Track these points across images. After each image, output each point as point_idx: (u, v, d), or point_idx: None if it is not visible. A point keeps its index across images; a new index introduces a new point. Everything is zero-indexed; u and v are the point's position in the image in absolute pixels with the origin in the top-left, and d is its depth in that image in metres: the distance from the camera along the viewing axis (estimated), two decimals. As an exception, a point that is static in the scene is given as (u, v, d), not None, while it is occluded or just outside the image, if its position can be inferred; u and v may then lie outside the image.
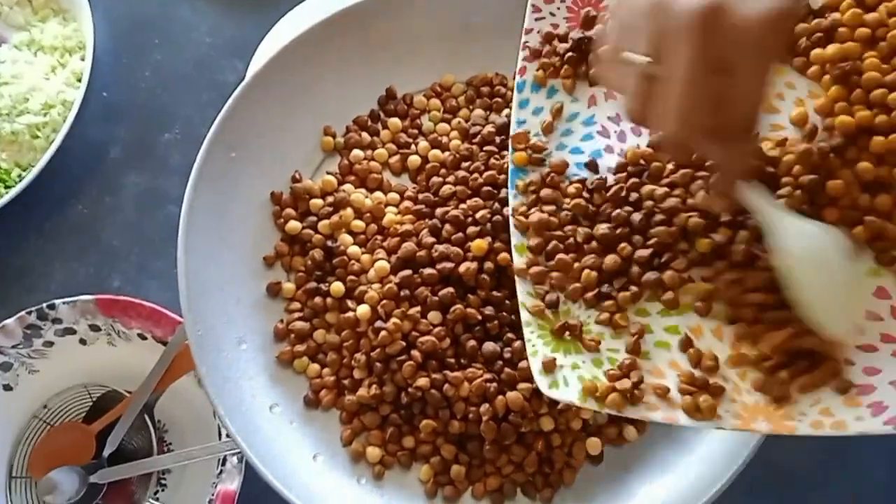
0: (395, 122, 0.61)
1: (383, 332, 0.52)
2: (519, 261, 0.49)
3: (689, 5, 0.34)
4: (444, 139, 0.60)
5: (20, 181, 0.72)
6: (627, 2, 0.38)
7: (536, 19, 0.54)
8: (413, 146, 0.60)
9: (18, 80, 0.77)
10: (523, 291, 0.48)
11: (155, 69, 0.83)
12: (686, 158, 0.47)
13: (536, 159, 0.51)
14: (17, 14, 0.82)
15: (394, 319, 0.52)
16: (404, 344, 0.52)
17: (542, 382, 0.44)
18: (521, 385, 0.51)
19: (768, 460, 0.48)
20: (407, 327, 0.52)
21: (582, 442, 0.53)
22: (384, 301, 0.53)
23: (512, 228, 0.50)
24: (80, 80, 0.76)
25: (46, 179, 0.73)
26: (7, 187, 0.73)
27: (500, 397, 0.51)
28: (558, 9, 0.54)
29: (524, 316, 0.47)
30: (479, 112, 0.61)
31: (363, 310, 0.53)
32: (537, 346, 0.46)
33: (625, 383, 0.43)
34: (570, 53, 0.52)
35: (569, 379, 0.45)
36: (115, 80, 0.82)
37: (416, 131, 0.61)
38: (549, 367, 0.45)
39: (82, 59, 0.78)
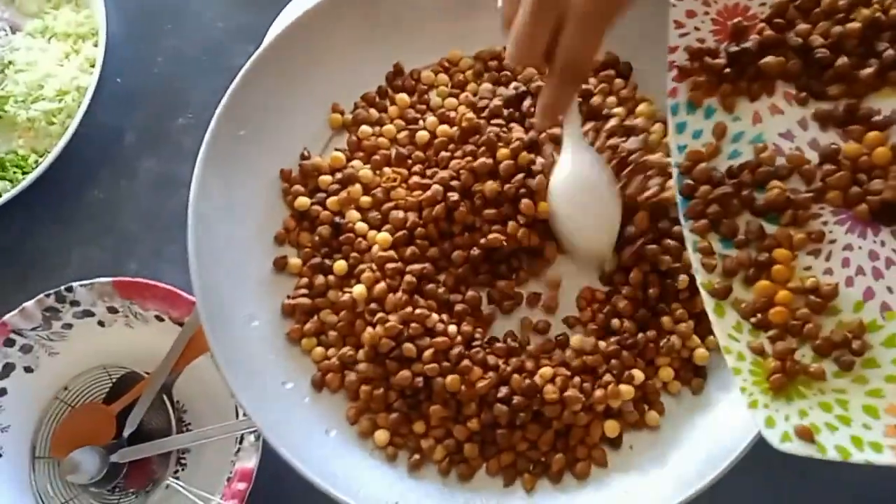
0: (402, 97, 0.60)
1: (370, 330, 0.52)
2: (711, 302, 0.44)
3: None
4: (453, 114, 0.59)
5: (37, 167, 0.73)
6: None
7: (680, 35, 0.49)
8: (421, 121, 0.60)
9: (33, 67, 0.78)
10: (723, 334, 0.43)
11: (167, 54, 0.83)
12: (522, 63, 0.55)
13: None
14: (31, 2, 0.83)
15: (389, 322, 0.52)
16: (394, 344, 0.52)
17: (771, 437, 0.40)
18: (544, 369, 0.52)
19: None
20: (397, 328, 0.52)
21: (600, 423, 0.52)
22: (379, 285, 0.53)
23: (697, 265, 0.45)
24: (93, 67, 0.77)
25: (62, 165, 0.74)
26: (24, 173, 0.74)
27: (516, 378, 0.51)
28: (703, 22, 0.49)
29: (730, 362, 0.42)
30: (486, 86, 0.60)
31: (359, 290, 0.53)
32: (755, 394, 0.41)
33: None
34: (727, 69, 0.48)
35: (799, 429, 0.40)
36: (129, 66, 0.82)
37: (423, 107, 0.60)
38: (806, 435, 0.39)
39: (95, 46, 0.79)
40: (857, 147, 0.45)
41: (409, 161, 0.58)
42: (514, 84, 0.59)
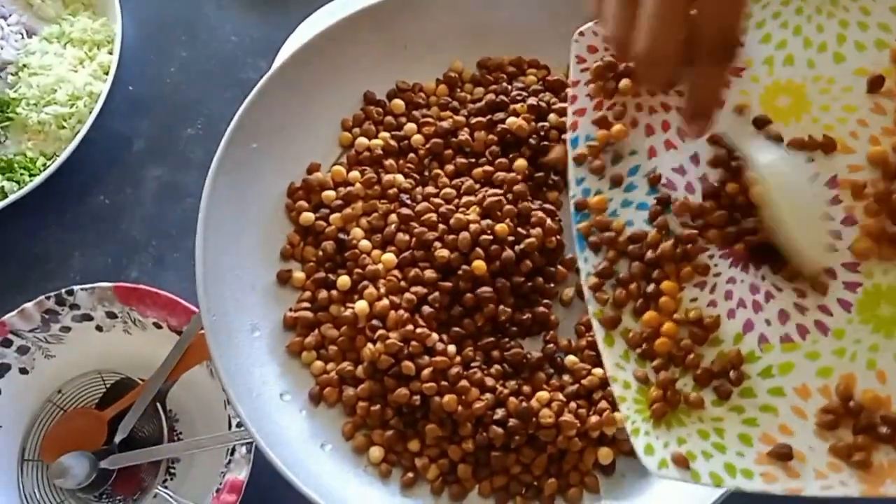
0: (397, 102, 0.61)
1: (370, 346, 0.52)
2: (602, 331, 0.46)
3: None
4: (446, 124, 0.60)
5: (45, 170, 0.74)
6: None
7: (582, 70, 0.51)
8: (416, 128, 0.60)
9: (47, 72, 0.79)
10: (611, 364, 0.45)
11: (180, 65, 0.84)
12: (660, 81, 0.45)
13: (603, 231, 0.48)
14: (49, 7, 0.84)
15: (389, 339, 0.52)
16: (393, 361, 0.52)
17: (649, 464, 0.41)
18: (541, 393, 0.52)
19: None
20: (397, 345, 0.52)
21: (594, 449, 0.52)
22: (381, 302, 0.53)
23: (589, 297, 0.47)
24: (106, 74, 0.78)
25: (70, 169, 0.75)
26: (32, 175, 0.75)
27: (512, 400, 0.51)
28: (603, 57, 0.50)
29: (617, 391, 0.43)
30: (481, 88, 0.61)
31: (360, 306, 0.54)
32: (637, 422, 0.43)
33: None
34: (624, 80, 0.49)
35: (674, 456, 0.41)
36: (141, 75, 0.83)
37: (418, 114, 0.61)
38: (681, 462, 0.41)
39: (110, 53, 0.80)
40: (736, 186, 0.47)
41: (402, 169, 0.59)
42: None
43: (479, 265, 0.53)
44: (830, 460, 0.40)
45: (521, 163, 0.58)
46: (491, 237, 0.54)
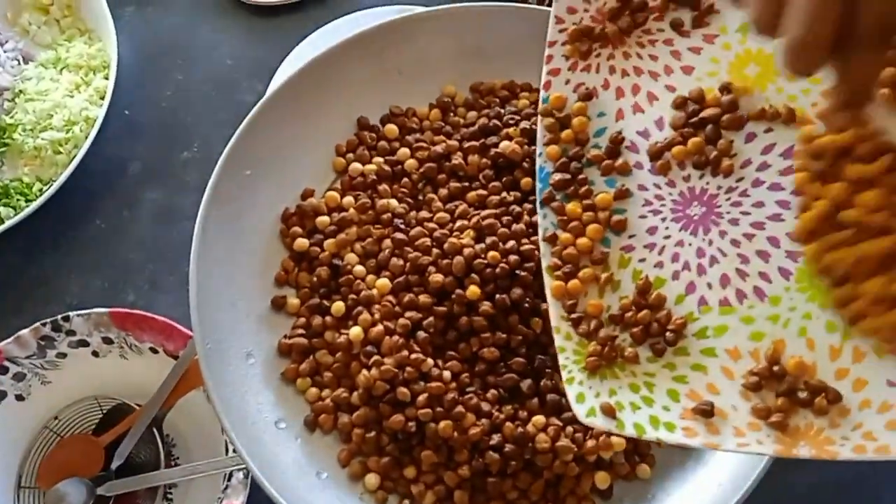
0: (390, 127, 0.62)
1: (365, 373, 0.52)
2: (552, 283, 0.48)
3: None
4: (439, 148, 0.60)
5: (41, 195, 0.74)
6: None
7: (560, 31, 0.52)
8: (409, 152, 0.61)
9: (43, 97, 0.79)
10: (556, 315, 0.47)
11: (176, 89, 0.84)
12: (810, 70, 0.41)
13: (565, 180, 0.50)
14: (45, 33, 0.85)
15: (384, 365, 0.52)
16: (388, 387, 0.52)
17: (579, 411, 0.44)
18: (537, 418, 0.52)
19: (775, 487, 0.48)
20: (392, 371, 0.52)
21: (591, 474, 0.52)
22: (375, 328, 0.53)
23: (542, 248, 0.49)
24: (103, 98, 0.78)
25: (66, 194, 0.75)
26: (28, 201, 0.75)
27: (508, 425, 0.51)
28: (581, 19, 0.52)
29: (558, 341, 0.46)
30: (474, 112, 0.61)
31: (355, 331, 0.54)
32: (573, 371, 0.45)
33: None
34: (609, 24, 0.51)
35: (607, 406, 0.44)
36: (138, 99, 0.84)
37: (411, 138, 0.61)
38: (609, 411, 0.43)
39: (106, 78, 0.80)
40: (682, 150, 0.48)
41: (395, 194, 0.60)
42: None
43: (474, 290, 0.53)
44: (751, 420, 0.42)
45: (527, 180, 0.58)
46: (485, 261, 0.54)
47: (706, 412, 0.43)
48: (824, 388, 0.42)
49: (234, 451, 0.61)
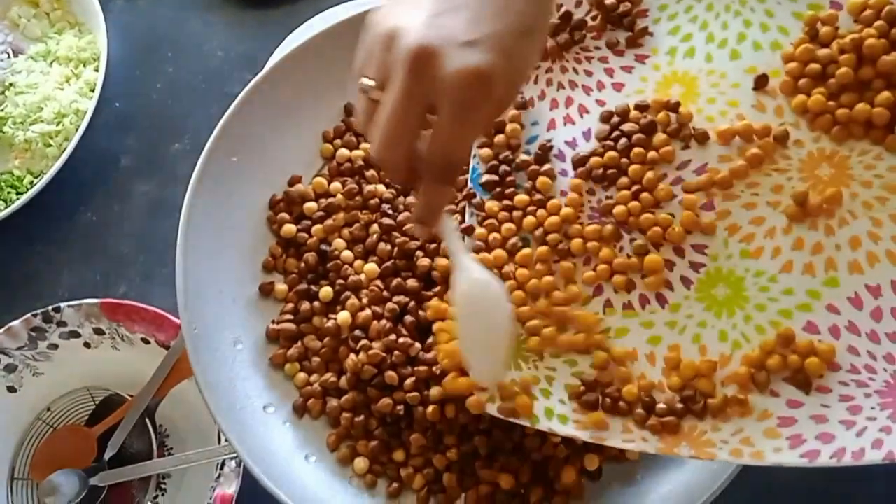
0: None
1: (353, 357, 0.53)
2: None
3: (406, 44, 0.36)
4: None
5: (32, 188, 0.74)
6: (373, 27, 0.40)
7: None
8: None
9: (33, 90, 0.79)
10: None
11: (167, 81, 0.84)
12: (397, 180, 0.50)
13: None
14: (35, 26, 0.85)
15: (372, 349, 0.52)
16: (376, 371, 0.52)
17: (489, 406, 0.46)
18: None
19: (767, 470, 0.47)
20: (380, 356, 0.52)
21: (579, 456, 0.52)
22: (363, 312, 0.54)
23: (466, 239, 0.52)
24: (93, 91, 0.78)
25: (57, 187, 0.75)
26: (19, 194, 0.75)
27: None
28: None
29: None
30: None
31: (343, 316, 0.54)
32: None
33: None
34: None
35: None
36: (128, 91, 0.84)
37: None
38: (507, 412, 0.46)
39: (96, 70, 0.80)
40: (599, 160, 0.51)
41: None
42: None
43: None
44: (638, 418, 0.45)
45: None
46: None
47: (592, 405, 0.46)
48: (711, 392, 0.45)
49: (225, 438, 0.61)
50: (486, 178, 0.53)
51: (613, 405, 0.45)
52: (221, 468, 0.61)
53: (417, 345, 0.53)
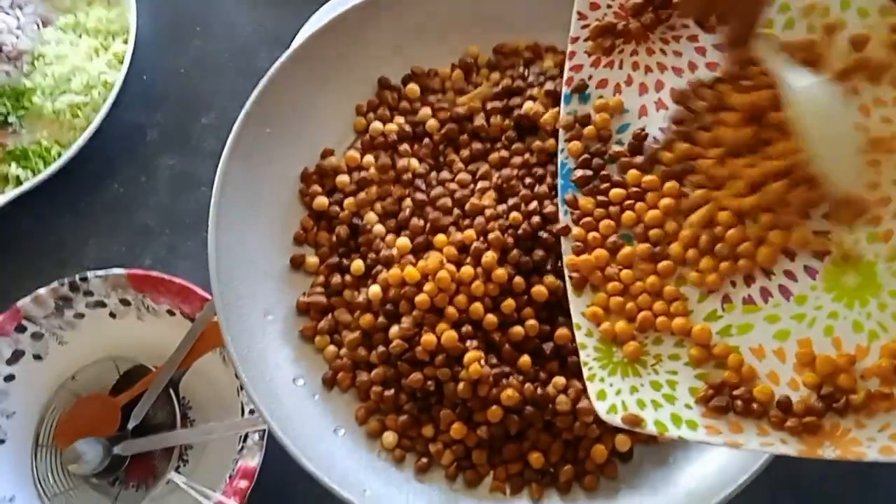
0: (412, 87, 0.61)
1: (395, 328, 0.52)
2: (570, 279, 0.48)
3: None
4: (461, 109, 0.59)
5: (59, 158, 0.74)
6: None
7: (582, 27, 0.52)
8: (431, 113, 0.60)
9: (62, 61, 0.79)
10: (577, 312, 0.47)
11: (194, 55, 0.84)
12: (697, 8, 0.46)
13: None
14: (65, -2, 0.85)
15: (403, 324, 0.52)
16: (407, 345, 0.52)
17: (600, 408, 0.43)
18: (557, 379, 0.51)
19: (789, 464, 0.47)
20: (411, 331, 0.52)
21: (611, 436, 0.51)
22: (394, 289, 0.53)
23: (564, 247, 0.49)
24: (121, 63, 0.78)
25: (84, 158, 0.75)
26: (46, 164, 0.75)
27: (528, 387, 0.51)
28: (605, 14, 0.52)
29: (579, 338, 0.46)
30: (497, 74, 0.61)
31: (374, 290, 0.53)
32: (594, 368, 0.45)
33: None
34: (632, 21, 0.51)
35: (628, 403, 0.43)
36: (156, 65, 0.83)
37: (433, 99, 0.61)
38: (633, 421, 0.43)
39: (125, 43, 0.80)
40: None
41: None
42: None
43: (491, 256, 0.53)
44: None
45: (551, 142, 0.56)
46: (507, 223, 0.54)
47: (723, 409, 0.42)
48: (852, 388, 0.42)
49: (252, 411, 0.61)
50: (578, 173, 0.51)
51: (746, 407, 0.42)
52: (244, 440, 0.61)
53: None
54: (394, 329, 0.52)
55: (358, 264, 0.55)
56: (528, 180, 0.56)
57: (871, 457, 0.39)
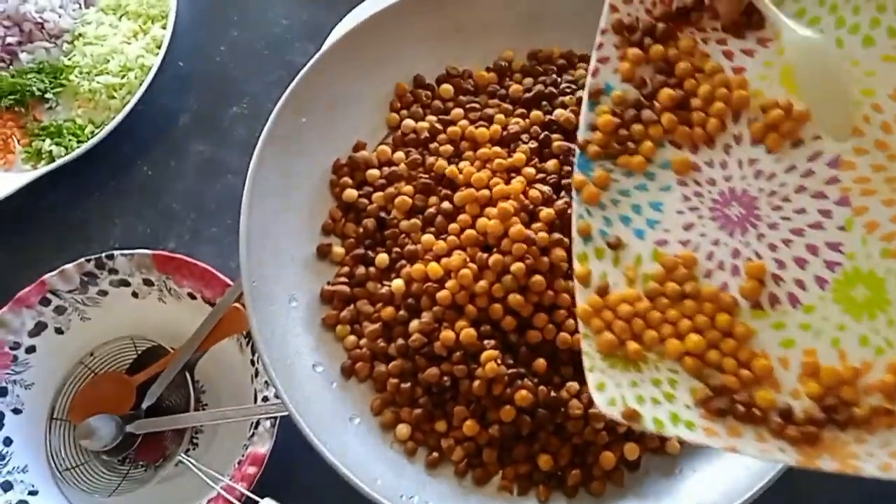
0: (446, 87, 0.62)
1: (416, 322, 0.52)
2: (580, 268, 0.47)
3: None
4: (493, 111, 0.60)
5: (92, 137, 0.75)
6: None
7: (615, 19, 0.51)
8: (463, 114, 0.60)
9: (101, 42, 0.81)
10: (583, 300, 0.46)
11: (230, 44, 0.85)
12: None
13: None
14: (107, -21, 0.86)
15: (423, 318, 0.52)
16: (426, 340, 0.52)
17: (599, 400, 0.42)
18: (571, 383, 0.52)
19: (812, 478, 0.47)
20: (431, 325, 0.52)
21: (620, 444, 0.52)
22: (417, 284, 0.53)
23: (575, 235, 0.48)
24: (159, 48, 0.79)
25: (117, 138, 0.76)
26: (80, 142, 0.76)
27: (542, 389, 0.51)
28: (637, 9, 0.51)
29: (582, 329, 0.46)
30: (530, 79, 0.61)
31: (397, 283, 0.54)
32: (595, 360, 0.44)
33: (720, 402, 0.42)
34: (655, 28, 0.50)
35: (627, 398, 0.43)
36: (192, 52, 0.85)
37: (465, 100, 0.61)
38: (631, 416, 0.42)
39: (163, 28, 0.81)
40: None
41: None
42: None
43: (519, 267, 0.52)
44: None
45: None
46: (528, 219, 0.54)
47: (723, 412, 0.42)
48: (855, 401, 0.41)
49: (265, 398, 0.62)
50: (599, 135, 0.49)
51: (746, 413, 0.42)
52: (256, 427, 0.61)
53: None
54: (414, 323, 0.52)
55: (383, 257, 0.56)
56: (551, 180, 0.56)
57: (870, 472, 0.39)
